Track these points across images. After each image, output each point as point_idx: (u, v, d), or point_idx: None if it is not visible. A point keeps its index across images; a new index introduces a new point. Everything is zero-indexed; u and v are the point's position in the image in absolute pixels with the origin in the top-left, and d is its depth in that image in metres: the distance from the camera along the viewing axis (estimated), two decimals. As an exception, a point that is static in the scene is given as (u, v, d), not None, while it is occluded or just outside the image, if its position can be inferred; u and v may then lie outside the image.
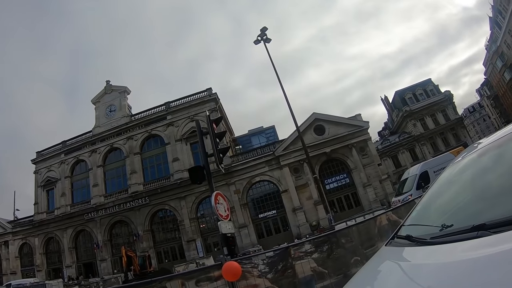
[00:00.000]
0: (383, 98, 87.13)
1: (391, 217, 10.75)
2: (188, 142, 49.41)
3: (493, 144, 3.52)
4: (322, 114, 48.26)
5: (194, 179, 11.27)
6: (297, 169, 45.90)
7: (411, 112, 71.50)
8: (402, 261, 2.96)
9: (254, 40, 34.95)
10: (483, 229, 2.30)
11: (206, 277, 7.98)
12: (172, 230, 48.73)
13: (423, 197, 3.88)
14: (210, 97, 51.01)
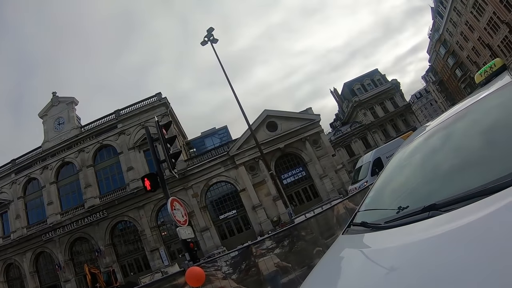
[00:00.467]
0: (333, 91, 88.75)
1: (348, 205, 10.84)
2: (141, 149, 48.05)
3: (440, 125, 3.66)
4: (273, 111, 48.51)
5: (148, 187, 11.10)
6: (253, 167, 45.95)
7: (361, 102, 73.18)
8: (360, 248, 2.99)
9: (201, 41, 34.63)
10: (434, 209, 2.36)
11: (171, 285, 7.84)
12: (134, 242, 47.06)
13: (376, 183, 3.93)
14: (160, 102, 50.22)
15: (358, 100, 73.18)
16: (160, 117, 44.09)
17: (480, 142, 2.96)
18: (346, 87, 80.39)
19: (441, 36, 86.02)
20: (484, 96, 3.45)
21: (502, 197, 1.99)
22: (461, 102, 3.93)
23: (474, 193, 2.19)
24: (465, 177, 2.65)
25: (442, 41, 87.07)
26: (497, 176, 2.19)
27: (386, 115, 72.86)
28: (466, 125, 3.35)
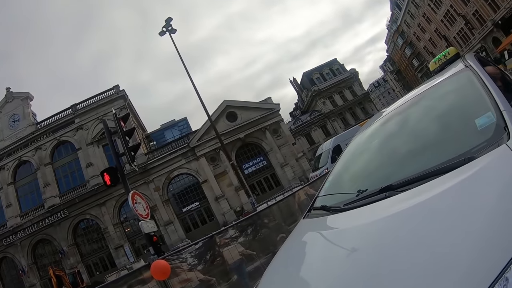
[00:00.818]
0: (292, 80, 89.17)
1: (309, 191, 10.94)
2: (100, 144, 46.62)
3: (395, 111, 3.85)
4: (233, 101, 48.53)
5: (107, 182, 10.89)
6: (214, 157, 45.82)
7: (320, 91, 73.90)
8: (321, 230, 3.08)
9: (159, 31, 33.96)
10: (391, 190, 2.52)
11: (137, 280, 7.73)
12: (97, 240, 45.74)
13: (334, 168, 4.05)
14: (118, 94, 48.86)
15: (317, 89, 73.90)
16: (119, 110, 42.46)
17: (433, 126, 3.15)
18: (305, 76, 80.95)
19: (399, 27, 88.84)
20: (438, 83, 3.66)
21: (453, 176, 2.18)
22: (416, 88, 4.15)
23: (427, 174, 2.38)
24: (419, 159, 2.83)
25: (400, 32, 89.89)
26: (449, 157, 2.40)
27: (345, 104, 73.90)
28: (420, 110, 3.55)
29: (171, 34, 33.77)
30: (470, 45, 64.32)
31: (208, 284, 8.08)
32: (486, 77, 2.95)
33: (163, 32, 33.93)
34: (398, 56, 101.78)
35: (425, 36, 79.34)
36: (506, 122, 2.33)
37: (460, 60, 3.97)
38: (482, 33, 59.95)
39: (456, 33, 67.72)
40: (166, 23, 33.66)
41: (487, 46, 60.77)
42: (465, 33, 65.47)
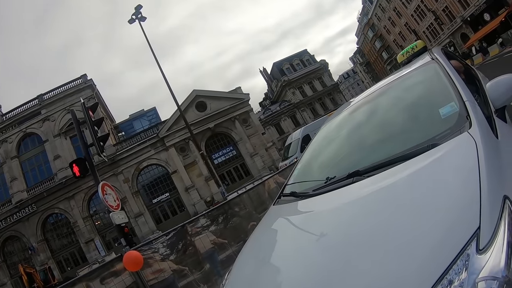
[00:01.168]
0: (262, 70, 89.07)
1: (278, 180, 10.95)
2: (67, 136, 45.33)
3: (362, 101, 4.01)
4: (203, 91, 48.27)
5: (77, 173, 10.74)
6: (183, 148, 45.59)
7: (290, 81, 74.03)
8: (291, 215, 3.17)
9: (129, 19, 32.96)
10: (358, 175, 2.64)
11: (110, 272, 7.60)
12: (67, 235, 44.24)
13: (303, 157, 4.14)
14: (85, 84, 47.56)
15: (287, 79, 73.98)
16: (86, 100, 41.15)
17: (399, 115, 3.32)
18: (275, 66, 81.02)
19: (369, 20, 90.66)
20: (405, 74, 3.83)
21: (417, 162, 2.31)
22: (383, 79, 4.30)
23: (392, 160, 2.51)
24: (385, 146, 2.97)
25: (370, 25, 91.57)
26: (413, 144, 2.52)
27: (314, 94, 74.29)
28: (386, 100, 3.72)
29: (140, 22, 32.86)
30: (439, 39, 66.47)
31: (182, 274, 8.05)
32: (451, 70, 3.12)
33: (133, 20, 33.00)
34: (368, 48, 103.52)
35: (395, 30, 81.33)
36: (468, 112, 2.48)
37: (427, 53, 4.16)
38: (451, 29, 62.15)
39: (425, 27, 69.99)
40: (136, 10, 32.77)
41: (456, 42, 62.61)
42: (435, 28, 67.58)
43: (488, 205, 1.69)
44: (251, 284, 2.52)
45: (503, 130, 2.45)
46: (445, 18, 62.85)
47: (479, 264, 1.52)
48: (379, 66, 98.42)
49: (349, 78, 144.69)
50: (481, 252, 1.55)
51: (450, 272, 1.53)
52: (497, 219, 1.64)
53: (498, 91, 2.78)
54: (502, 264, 1.50)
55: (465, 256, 1.55)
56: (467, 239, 1.59)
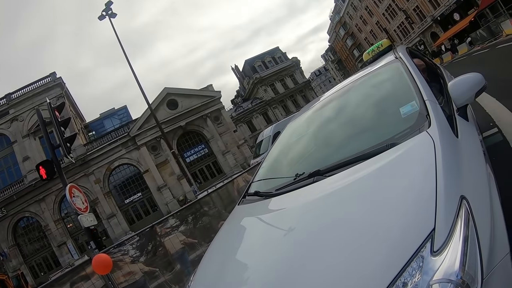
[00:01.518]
0: (234, 68, 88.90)
1: (247, 178, 10.92)
2: (36, 136, 43.79)
3: (326, 99, 4.03)
4: (174, 88, 48.01)
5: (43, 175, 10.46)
6: (155, 146, 45.22)
7: (261, 78, 74.19)
8: (254, 215, 3.19)
9: (99, 15, 32.13)
10: (319, 175, 2.65)
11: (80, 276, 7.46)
12: (39, 239, 42.83)
13: (268, 156, 4.17)
14: (54, 82, 46.25)
15: (259, 76, 74.08)
16: (55, 99, 41.33)
17: (361, 114, 3.34)
18: (247, 64, 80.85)
19: (341, 18, 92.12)
20: (369, 73, 3.84)
21: (375, 161, 2.32)
22: (348, 78, 4.32)
23: (352, 159, 2.53)
24: (347, 145, 3.02)
25: (342, 23, 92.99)
26: (374, 144, 2.54)
27: (286, 91, 74.63)
28: (350, 99, 3.75)
29: (111, 19, 32.16)
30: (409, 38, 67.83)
31: (152, 275, 7.98)
32: (414, 69, 3.14)
33: (103, 16, 32.24)
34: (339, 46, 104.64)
35: (367, 28, 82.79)
36: (428, 111, 2.49)
37: (392, 52, 4.19)
38: (421, 28, 63.86)
39: (396, 26, 71.77)
40: (106, 6, 31.95)
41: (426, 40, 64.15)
42: (405, 27, 69.24)
43: (444, 206, 1.69)
44: (216, 282, 2.52)
45: (463, 128, 2.48)
46: (415, 17, 64.31)
47: (433, 266, 1.51)
48: (350, 63, 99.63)
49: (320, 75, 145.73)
50: (436, 254, 1.55)
51: (404, 274, 1.53)
52: (452, 220, 1.64)
53: (460, 90, 2.83)
54: (457, 266, 1.50)
55: (420, 258, 1.55)
56: (422, 241, 1.59)
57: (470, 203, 1.73)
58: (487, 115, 7.37)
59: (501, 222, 1.80)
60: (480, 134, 3.39)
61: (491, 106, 7.90)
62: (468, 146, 2.30)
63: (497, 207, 1.88)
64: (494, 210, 1.83)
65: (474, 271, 1.51)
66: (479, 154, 2.33)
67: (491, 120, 6.90)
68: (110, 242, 33.45)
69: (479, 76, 2.84)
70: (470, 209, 1.70)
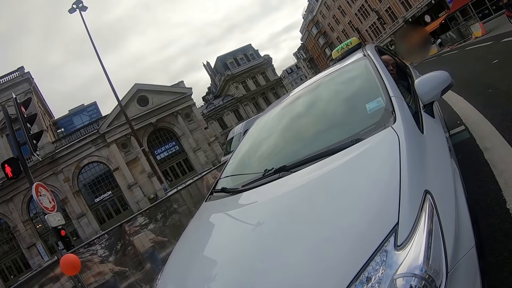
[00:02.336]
0: (206, 64, 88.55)
1: (216, 175, 10.93)
2: (3, 133, 41.90)
3: (294, 96, 4.09)
4: (144, 84, 47.58)
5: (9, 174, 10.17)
6: (125, 144, 44.77)
7: (233, 75, 74.02)
8: (221, 211, 3.21)
9: (69, 8, 31.32)
10: (284, 170, 2.68)
11: (48, 278, 7.29)
12: (7, 240, 41.31)
13: (235, 153, 4.19)
14: (22, 77, 44.86)
15: (231, 73, 73.90)
16: (23, 95, 39.92)
17: (328, 110, 3.42)
18: (219, 61, 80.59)
19: (314, 17, 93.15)
20: (337, 69, 3.89)
21: (340, 157, 2.36)
22: (317, 75, 4.36)
23: (317, 155, 2.55)
24: (314, 140, 3.06)
25: (315, 22, 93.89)
26: (340, 139, 2.57)
27: (257, 89, 74.73)
28: (317, 95, 3.80)
29: (81, 12, 31.36)
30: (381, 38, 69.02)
31: (123, 275, 7.88)
32: (381, 66, 3.19)
33: (73, 9, 31.46)
34: (311, 44, 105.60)
35: (339, 28, 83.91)
36: (394, 107, 2.53)
37: (360, 50, 4.27)
38: (393, 28, 64.58)
39: (368, 26, 73.15)
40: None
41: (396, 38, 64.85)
42: (377, 27, 70.56)
43: (408, 200, 1.70)
44: (183, 279, 2.51)
45: (429, 125, 2.53)
46: (387, 18, 65.51)
47: (397, 260, 1.52)
48: (322, 62, 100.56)
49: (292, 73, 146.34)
50: (399, 248, 1.55)
51: (368, 269, 1.54)
52: (416, 214, 1.65)
53: (426, 87, 2.85)
54: (421, 260, 1.51)
55: (383, 252, 1.56)
56: (385, 235, 1.60)
57: (434, 197, 1.76)
58: (455, 113, 7.61)
59: (466, 217, 1.83)
60: (447, 132, 3.53)
61: (459, 105, 8.16)
62: (433, 142, 2.34)
63: (462, 202, 1.91)
64: (459, 205, 1.86)
65: (438, 265, 1.52)
66: (444, 149, 2.37)
67: (458, 118, 7.12)
68: (80, 242, 32.42)
69: (445, 74, 2.89)
70: (434, 203, 1.72)
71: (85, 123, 54.51)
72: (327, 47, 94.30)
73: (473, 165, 4.43)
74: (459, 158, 2.74)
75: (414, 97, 2.95)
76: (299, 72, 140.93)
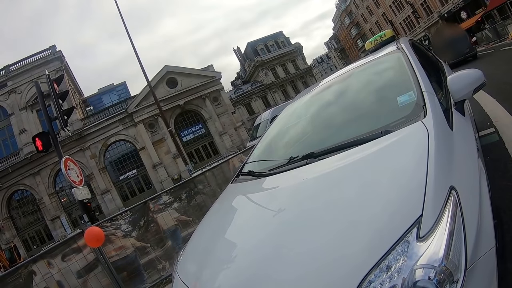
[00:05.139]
0: (236, 49, 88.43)
1: (243, 159, 10.95)
2: (34, 109, 43.57)
3: (326, 85, 4.07)
4: (174, 67, 47.74)
5: (39, 147, 10.33)
6: (152, 124, 45.13)
7: (263, 62, 73.58)
8: (247, 193, 3.22)
9: None
10: (312, 157, 2.69)
11: (71, 249, 7.44)
12: (33, 212, 42.92)
13: (263, 137, 4.20)
14: (54, 55, 45.52)
15: (261, 60, 73.49)
16: (54, 72, 40.38)
17: (359, 100, 3.40)
18: (249, 46, 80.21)
19: (347, 7, 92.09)
20: (370, 61, 3.87)
21: (368, 147, 2.36)
22: (349, 65, 4.36)
23: (345, 144, 2.56)
24: (343, 130, 3.07)
25: (348, 12, 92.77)
26: (369, 130, 2.56)
27: (287, 76, 74.14)
28: (349, 85, 3.79)
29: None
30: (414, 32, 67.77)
31: (144, 251, 8.02)
32: (414, 60, 3.15)
33: None
34: (343, 35, 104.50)
35: (372, 19, 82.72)
36: (425, 102, 2.51)
37: (394, 43, 4.22)
38: (427, 23, 63.31)
39: (402, 19, 71.97)
40: None
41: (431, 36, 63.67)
42: (411, 21, 69.33)
43: (433, 194, 1.71)
44: (205, 257, 2.56)
45: (459, 122, 2.50)
46: (422, 12, 64.35)
47: (418, 252, 1.54)
48: (353, 53, 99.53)
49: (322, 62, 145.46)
50: (421, 240, 1.56)
51: (389, 258, 1.55)
52: (440, 208, 1.66)
53: (458, 85, 2.84)
54: (441, 254, 1.52)
55: (405, 242, 1.57)
56: (408, 226, 1.61)
57: (459, 194, 1.75)
58: (486, 115, 7.44)
59: (489, 217, 1.83)
60: (476, 132, 3.48)
61: (490, 106, 7.98)
62: (462, 140, 2.32)
63: (486, 202, 1.90)
64: (483, 204, 1.85)
65: (458, 260, 1.53)
66: (473, 148, 2.35)
67: (489, 120, 6.96)
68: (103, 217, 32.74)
69: (478, 73, 2.86)
70: (459, 200, 1.72)
71: (114, 102, 54.94)
72: (359, 38, 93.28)
73: (500, 168, 4.34)
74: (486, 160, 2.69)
75: (445, 94, 2.92)
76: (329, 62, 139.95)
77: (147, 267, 7.87)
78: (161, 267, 7.83)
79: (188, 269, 2.67)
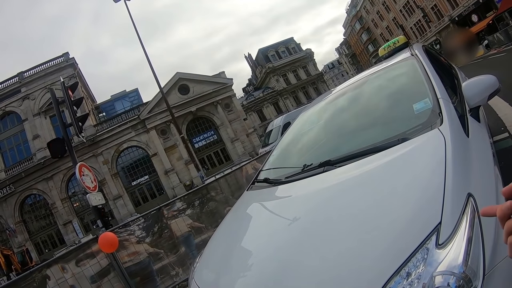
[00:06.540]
0: (247, 56, 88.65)
1: (256, 166, 10.92)
2: (47, 115, 44.14)
3: (340, 92, 4.07)
4: (186, 73, 47.91)
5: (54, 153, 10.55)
6: (164, 130, 45.26)
7: (274, 68, 73.78)
8: (263, 201, 3.24)
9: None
10: (329, 165, 2.69)
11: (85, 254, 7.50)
12: (45, 216, 43.47)
13: (278, 144, 4.23)
14: (67, 62, 46.25)
15: (272, 66, 73.70)
16: (68, 79, 41.10)
17: (374, 108, 3.39)
18: (260, 53, 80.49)
19: (358, 12, 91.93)
20: (384, 68, 3.88)
21: (385, 155, 2.36)
22: (363, 72, 4.35)
23: (362, 152, 2.56)
24: (359, 137, 3.06)
25: (358, 17, 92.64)
26: (385, 137, 2.57)
27: (298, 82, 74.24)
28: (363, 92, 3.78)
29: (125, 1, 31.31)
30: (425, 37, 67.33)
31: (157, 257, 8.03)
32: (429, 67, 3.15)
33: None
34: (354, 40, 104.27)
35: (383, 24, 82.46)
36: (441, 109, 2.51)
37: (408, 49, 4.21)
38: (438, 27, 62.82)
39: (413, 24, 71.52)
40: None
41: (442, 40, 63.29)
42: (422, 25, 68.91)
43: (451, 201, 1.71)
44: (222, 265, 2.58)
45: (475, 129, 2.48)
46: (433, 16, 63.93)
47: (437, 259, 1.54)
48: (364, 58, 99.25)
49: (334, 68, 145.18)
50: (441, 247, 1.57)
51: (409, 265, 1.56)
52: (459, 215, 1.66)
53: (473, 91, 2.82)
54: (460, 260, 1.52)
55: (425, 249, 1.58)
56: (428, 233, 1.62)
57: (476, 201, 1.74)
58: (499, 120, 7.37)
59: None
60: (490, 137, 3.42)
61: (504, 111, 7.87)
62: (478, 147, 2.32)
63: None
64: None
65: (476, 266, 1.53)
66: (489, 155, 2.33)
67: (502, 125, 6.91)
68: (115, 223, 33.10)
69: (493, 79, 2.84)
70: (476, 207, 1.71)
71: (126, 108, 55.29)
72: (370, 43, 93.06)
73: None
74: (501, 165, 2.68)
75: (460, 100, 2.89)
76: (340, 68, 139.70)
77: (160, 272, 7.86)
78: (175, 273, 7.83)
79: (205, 276, 2.69)
